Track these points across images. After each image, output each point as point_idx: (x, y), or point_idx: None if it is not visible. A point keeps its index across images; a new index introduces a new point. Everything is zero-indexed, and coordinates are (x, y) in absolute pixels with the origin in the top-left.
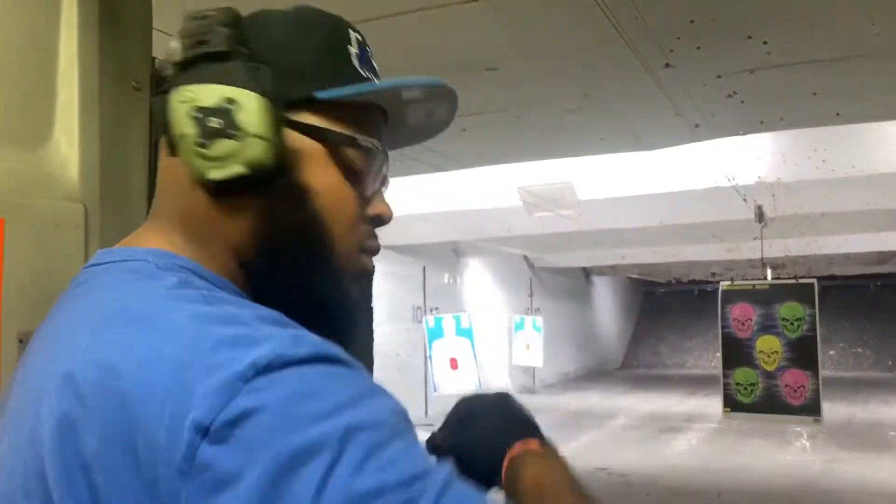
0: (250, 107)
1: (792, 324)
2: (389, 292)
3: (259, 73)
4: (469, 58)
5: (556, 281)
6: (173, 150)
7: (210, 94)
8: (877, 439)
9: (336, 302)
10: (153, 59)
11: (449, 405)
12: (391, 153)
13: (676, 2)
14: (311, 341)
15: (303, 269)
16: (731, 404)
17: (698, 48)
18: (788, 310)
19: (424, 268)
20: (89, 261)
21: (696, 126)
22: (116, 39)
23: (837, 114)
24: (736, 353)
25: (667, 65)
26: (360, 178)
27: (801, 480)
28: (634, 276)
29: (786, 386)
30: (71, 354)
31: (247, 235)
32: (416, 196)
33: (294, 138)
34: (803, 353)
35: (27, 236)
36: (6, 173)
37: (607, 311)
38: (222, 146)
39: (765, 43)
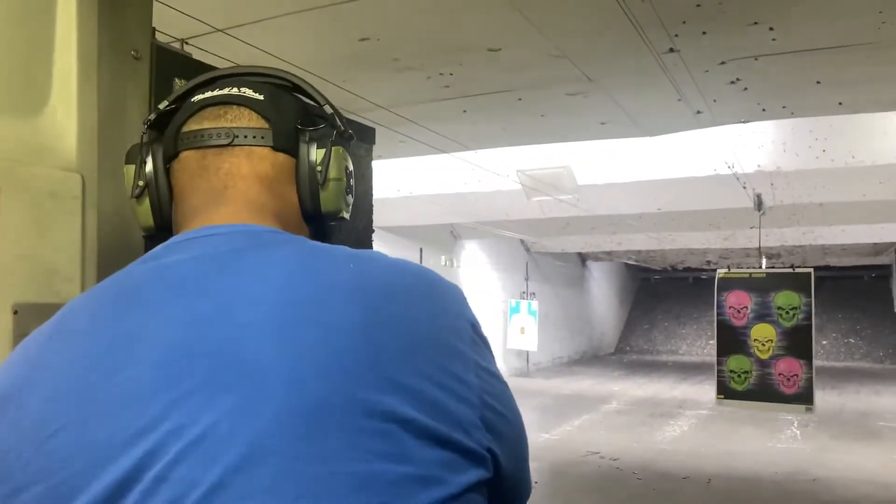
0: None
1: (787, 312)
2: None
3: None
4: (471, 38)
5: (553, 265)
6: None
7: (349, 162)
8: (867, 429)
9: None
10: (153, 29)
11: None
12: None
13: None
14: None
15: None
16: (725, 391)
17: (704, 33)
18: (784, 298)
19: (421, 249)
20: (193, 234)
21: (698, 112)
22: (116, 7)
23: (840, 103)
24: (730, 340)
25: (671, 49)
26: None
27: (792, 468)
28: (630, 262)
29: (779, 374)
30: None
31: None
32: (414, 177)
33: None
34: (798, 342)
35: (23, 206)
36: (2, 141)
37: (602, 296)
38: (350, 199)
39: (770, 29)
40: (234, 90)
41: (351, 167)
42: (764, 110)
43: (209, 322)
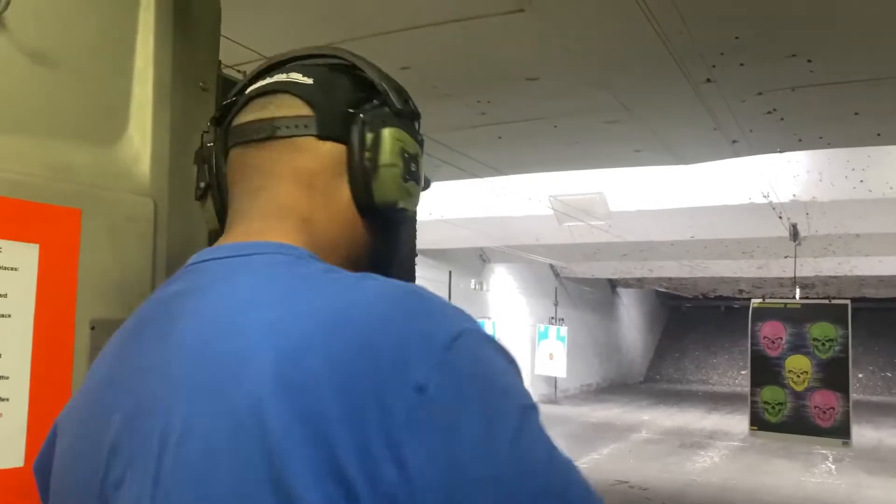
0: (420, 164)
1: (823, 344)
2: None
3: (422, 143)
4: (510, 68)
5: (582, 291)
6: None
7: (412, 145)
8: None
9: None
10: (219, 62)
11: None
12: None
13: (722, 17)
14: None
15: (399, 273)
16: (758, 423)
17: (741, 64)
18: (820, 330)
19: (451, 273)
20: (198, 257)
21: (734, 141)
22: (188, 43)
23: (878, 134)
24: (764, 371)
25: (708, 80)
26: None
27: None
28: (661, 289)
29: (815, 407)
30: (259, 328)
31: (370, 250)
32: (445, 201)
33: None
34: (834, 375)
35: (101, 228)
36: (85, 167)
37: (632, 323)
38: (413, 187)
39: (809, 61)
40: (283, 76)
41: (413, 150)
42: (800, 140)
43: (146, 375)
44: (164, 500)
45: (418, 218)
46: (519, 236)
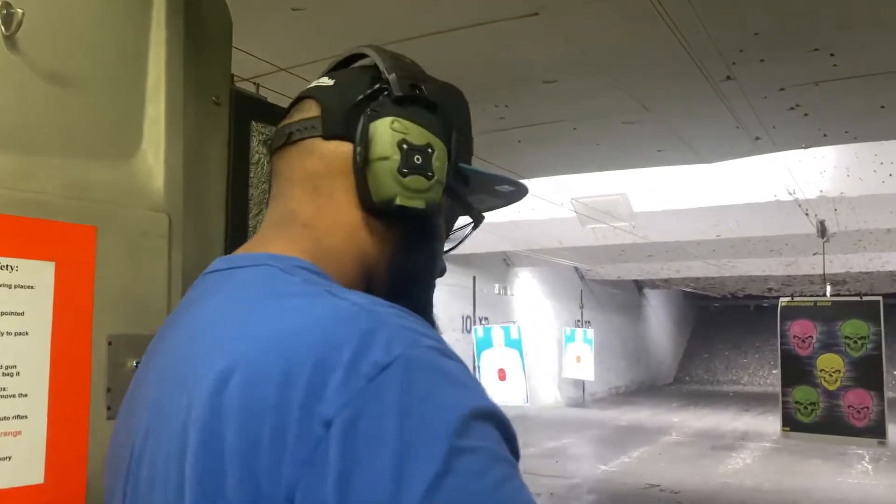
0: (442, 157)
1: (855, 342)
2: (439, 301)
3: (450, 133)
4: (527, 71)
5: (608, 293)
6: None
7: (420, 135)
8: None
9: (429, 314)
10: (232, 76)
11: None
12: None
13: (741, 14)
14: (435, 337)
15: (418, 287)
16: (791, 423)
17: (762, 60)
18: (852, 328)
19: (475, 277)
20: (210, 267)
21: (757, 139)
22: (200, 59)
23: None
24: (795, 371)
25: (728, 77)
26: (449, 232)
27: None
28: (688, 289)
29: (849, 406)
30: (209, 349)
31: (385, 255)
32: None
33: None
34: (867, 373)
35: (117, 244)
36: (99, 184)
37: (660, 324)
38: (417, 181)
39: (831, 55)
40: (315, 81)
41: (420, 140)
42: (825, 136)
43: (139, 387)
44: None
45: None
46: (542, 240)
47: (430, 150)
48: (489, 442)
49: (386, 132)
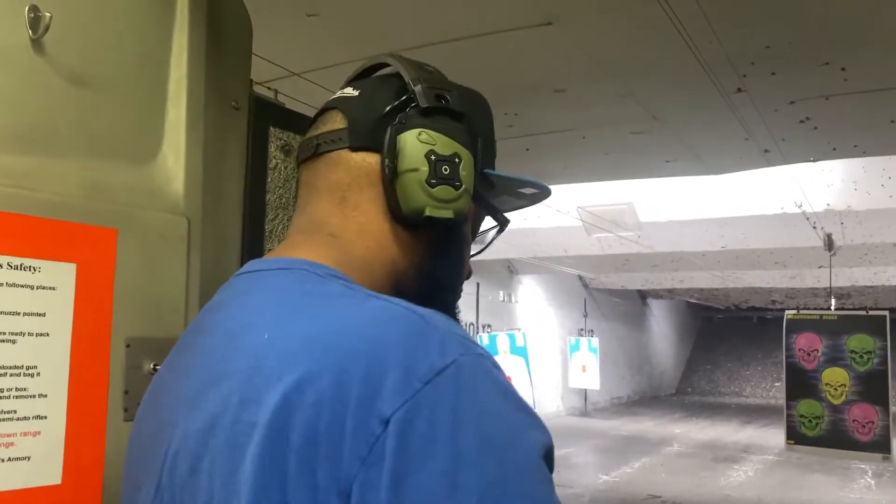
0: (469, 165)
1: (861, 357)
2: None
3: (476, 141)
4: (538, 79)
5: (611, 302)
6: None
7: (446, 145)
8: None
9: (455, 318)
10: (251, 81)
11: None
12: None
13: (753, 27)
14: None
15: (446, 293)
16: (795, 437)
17: (773, 73)
18: (857, 342)
19: (478, 284)
20: (243, 269)
21: (766, 151)
22: (220, 64)
23: None
24: (800, 384)
25: (739, 89)
26: (475, 236)
27: None
28: (692, 300)
29: (853, 421)
30: (251, 350)
31: (413, 264)
32: None
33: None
34: (873, 388)
35: (137, 247)
36: (120, 187)
37: (663, 335)
38: (446, 191)
39: (842, 69)
40: (339, 92)
41: (448, 150)
42: (834, 149)
43: (169, 385)
44: None
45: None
46: (547, 247)
47: (457, 160)
48: (532, 442)
49: (414, 144)
